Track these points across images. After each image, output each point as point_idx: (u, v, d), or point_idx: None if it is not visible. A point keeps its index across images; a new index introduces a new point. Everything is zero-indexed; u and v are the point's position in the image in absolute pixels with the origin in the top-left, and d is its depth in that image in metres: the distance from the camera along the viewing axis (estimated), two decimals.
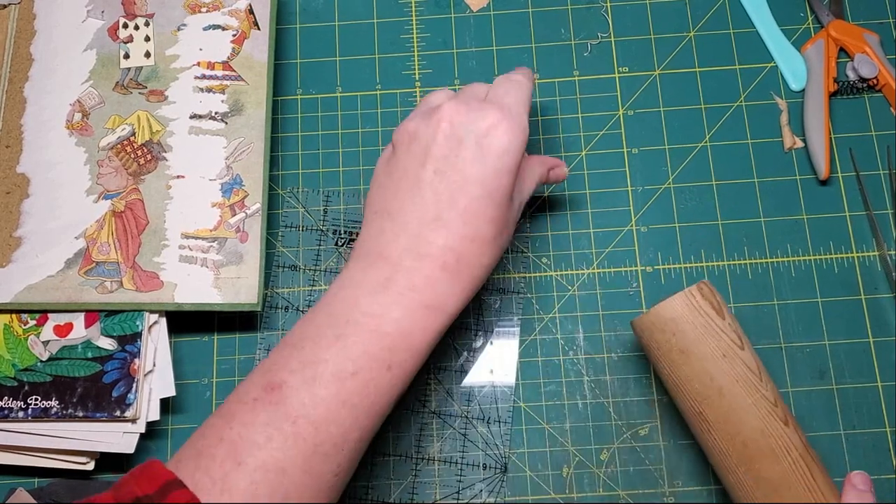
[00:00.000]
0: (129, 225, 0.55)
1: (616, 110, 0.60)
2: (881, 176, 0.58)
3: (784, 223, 0.57)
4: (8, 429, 0.51)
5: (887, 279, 0.56)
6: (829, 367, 0.54)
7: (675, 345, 0.47)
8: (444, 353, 0.55)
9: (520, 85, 0.47)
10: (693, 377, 0.46)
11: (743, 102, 0.60)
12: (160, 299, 0.53)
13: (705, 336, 0.46)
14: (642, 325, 0.48)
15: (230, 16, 0.58)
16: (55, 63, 0.58)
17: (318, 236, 0.58)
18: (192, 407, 0.54)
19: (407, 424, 0.54)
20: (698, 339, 0.46)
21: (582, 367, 0.55)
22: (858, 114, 0.60)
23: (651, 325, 0.47)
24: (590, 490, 0.53)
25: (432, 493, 0.53)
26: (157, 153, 0.56)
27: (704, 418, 0.46)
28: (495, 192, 0.43)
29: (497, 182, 0.43)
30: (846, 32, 0.60)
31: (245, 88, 0.57)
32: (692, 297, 0.47)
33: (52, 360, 0.52)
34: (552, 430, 0.54)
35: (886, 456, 0.53)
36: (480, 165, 0.43)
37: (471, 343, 0.55)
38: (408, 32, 0.62)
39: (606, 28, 0.62)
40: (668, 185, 0.58)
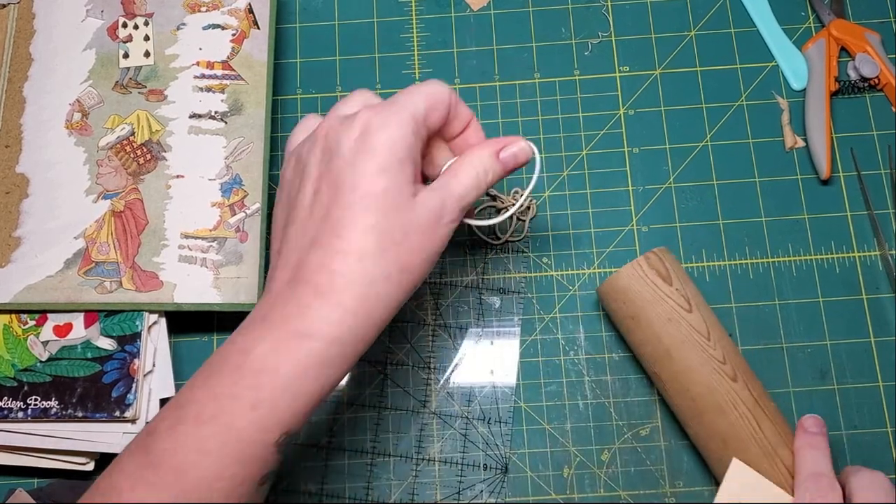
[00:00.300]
0: (129, 225, 0.54)
1: (617, 110, 0.60)
2: (882, 175, 0.58)
3: (785, 223, 0.57)
4: (7, 429, 0.51)
5: (888, 279, 0.56)
6: (830, 367, 0.54)
7: (627, 312, 0.51)
8: (444, 353, 0.55)
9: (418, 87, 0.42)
10: (645, 341, 0.50)
11: (744, 102, 0.60)
12: (160, 299, 0.53)
13: (652, 302, 0.50)
14: (600, 294, 0.52)
15: (230, 15, 0.58)
16: (54, 63, 0.58)
17: None
18: None
19: (407, 425, 0.54)
20: (645, 305, 0.50)
21: (582, 368, 0.55)
22: (860, 113, 0.59)
23: (606, 295, 0.52)
24: (591, 490, 0.53)
25: (433, 494, 0.53)
26: (156, 153, 0.56)
27: (659, 378, 0.51)
28: (372, 196, 0.38)
29: (374, 184, 0.38)
30: (847, 32, 0.60)
31: (245, 88, 0.57)
32: (639, 266, 0.50)
33: (52, 361, 0.52)
34: (553, 431, 0.54)
35: (888, 456, 0.53)
36: (351, 170, 0.38)
37: (471, 343, 0.55)
38: (408, 32, 0.62)
39: (607, 27, 0.62)
40: (668, 184, 0.58)
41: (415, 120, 0.40)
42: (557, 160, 0.59)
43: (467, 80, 0.61)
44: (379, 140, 0.39)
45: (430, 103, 0.41)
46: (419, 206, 0.39)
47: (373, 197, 0.38)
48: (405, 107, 0.40)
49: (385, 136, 0.39)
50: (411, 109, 0.40)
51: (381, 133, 0.39)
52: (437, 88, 0.42)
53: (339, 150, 0.39)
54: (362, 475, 0.53)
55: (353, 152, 0.39)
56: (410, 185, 0.39)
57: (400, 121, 0.39)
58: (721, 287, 0.56)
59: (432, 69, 0.61)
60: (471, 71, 0.61)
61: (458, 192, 0.41)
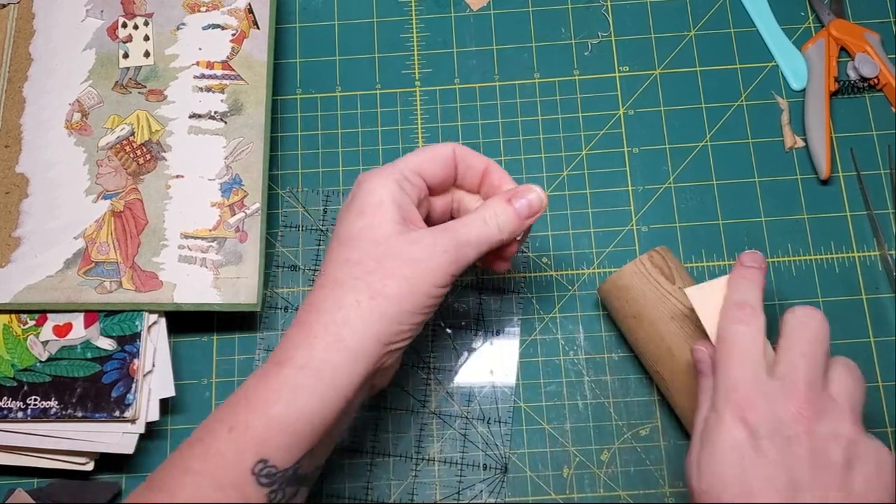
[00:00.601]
0: (129, 225, 0.54)
1: (616, 110, 0.60)
2: (882, 175, 0.58)
3: (785, 223, 0.57)
4: (7, 429, 0.51)
5: (888, 279, 0.56)
6: None
7: (629, 310, 0.51)
8: (444, 353, 0.55)
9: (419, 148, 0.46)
10: (647, 339, 0.50)
11: (744, 102, 0.60)
12: (159, 299, 0.53)
13: (654, 301, 0.50)
14: (602, 293, 0.52)
15: (229, 15, 0.58)
16: (54, 63, 0.58)
17: (317, 236, 0.58)
18: (191, 407, 0.54)
19: (407, 425, 0.54)
20: (648, 304, 0.50)
21: (582, 368, 0.55)
22: (859, 113, 0.59)
23: (608, 293, 0.52)
24: (590, 490, 0.53)
25: (432, 494, 0.53)
26: (156, 153, 0.56)
27: (661, 377, 0.50)
28: (347, 235, 0.42)
29: (351, 225, 0.42)
30: (847, 32, 0.60)
31: (244, 88, 0.57)
32: (642, 265, 0.50)
33: (52, 361, 0.52)
34: (552, 431, 0.54)
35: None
36: (339, 221, 0.43)
37: (471, 343, 0.55)
38: (408, 32, 0.62)
39: (607, 27, 0.62)
40: (668, 184, 0.58)
41: (400, 171, 0.43)
42: (557, 160, 0.59)
43: (467, 80, 0.61)
44: (361, 191, 0.43)
45: (422, 157, 0.44)
46: (404, 239, 0.41)
47: (348, 236, 0.42)
48: (394, 162, 0.44)
49: (366, 186, 0.42)
50: (398, 164, 0.44)
51: (364, 185, 0.43)
52: (436, 145, 0.45)
53: (341, 209, 0.44)
54: (362, 475, 0.53)
55: (345, 207, 0.43)
56: (392, 224, 0.41)
57: (382, 172, 0.43)
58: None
59: (432, 69, 0.61)
60: (471, 71, 0.61)
61: (454, 227, 0.43)
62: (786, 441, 0.39)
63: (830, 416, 0.40)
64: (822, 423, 0.39)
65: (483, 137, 0.59)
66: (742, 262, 0.46)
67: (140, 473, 0.53)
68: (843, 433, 0.39)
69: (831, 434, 0.39)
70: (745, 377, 0.41)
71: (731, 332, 0.43)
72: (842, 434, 0.39)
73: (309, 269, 0.57)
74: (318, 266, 0.57)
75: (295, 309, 0.56)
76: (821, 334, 0.42)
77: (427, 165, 0.44)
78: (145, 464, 0.53)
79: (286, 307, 0.56)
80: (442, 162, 0.45)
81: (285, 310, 0.56)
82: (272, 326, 0.56)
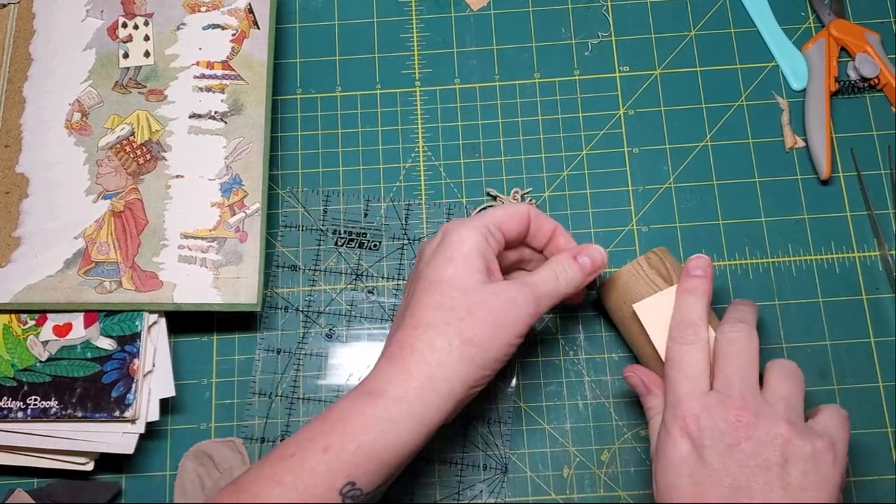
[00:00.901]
0: (129, 225, 0.54)
1: (617, 110, 0.60)
2: (882, 175, 0.58)
3: (785, 223, 0.57)
4: (7, 429, 0.51)
5: (888, 279, 0.56)
6: (830, 367, 0.54)
7: (626, 311, 0.51)
8: None
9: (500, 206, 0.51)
10: (646, 341, 0.50)
11: (744, 102, 0.60)
12: (159, 299, 0.53)
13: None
14: (600, 293, 0.53)
15: (229, 15, 0.58)
16: (54, 62, 0.58)
17: (317, 236, 0.58)
18: (191, 407, 0.54)
19: None
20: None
21: (582, 368, 0.55)
22: (859, 113, 0.59)
23: (606, 294, 0.52)
24: (590, 490, 0.53)
25: (432, 494, 0.53)
26: (156, 153, 0.56)
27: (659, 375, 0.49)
28: (439, 281, 0.44)
29: (442, 272, 0.45)
30: (847, 32, 0.60)
31: (244, 88, 0.57)
32: (639, 266, 0.51)
33: (52, 361, 0.52)
34: (553, 431, 0.54)
35: (887, 456, 0.53)
36: (427, 266, 0.46)
37: None
38: (408, 32, 0.62)
39: (607, 27, 0.62)
40: (668, 184, 0.58)
41: (485, 225, 0.46)
42: (557, 160, 0.59)
43: (467, 80, 0.61)
44: (450, 240, 0.46)
45: (504, 214, 0.48)
46: (490, 290, 0.45)
47: (439, 281, 0.45)
48: (480, 216, 0.47)
49: (455, 236, 0.46)
50: (484, 218, 0.47)
51: (452, 235, 0.46)
52: (515, 205, 0.49)
53: (424, 256, 0.47)
54: None
55: (431, 255, 0.46)
56: (479, 274, 0.45)
57: (470, 225, 0.46)
58: (721, 287, 0.56)
59: (432, 69, 0.61)
60: (471, 71, 0.61)
61: (532, 281, 0.46)
62: (727, 448, 0.43)
63: (766, 421, 0.43)
64: (759, 428, 0.43)
65: (483, 137, 0.59)
66: (689, 271, 0.49)
67: (140, 473, 0.53)
68: (778, 433, 0.43)
69: (768, 436, 0.43)
70: (688, 394, 0.45)
71: (676, 353, 0.46)
72: (778, 434, 0.43)
73: (309, 269, 0.57)
74: (318, 266, 0.57)
75: (296, 309, 0.56)
76: (747, 346, 0.46)
77: (508, 222, 0.48)
78: (145, 464, 0.53)
79: (286, 307, 0.56)
80: (520, 220, 0.48)
81: (285, 310, 0.56)
82: (272, 326, 0.56)
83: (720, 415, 0.43)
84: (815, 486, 0.42)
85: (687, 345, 0.46)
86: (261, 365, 0.55)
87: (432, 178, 0.59)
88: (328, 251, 0.57)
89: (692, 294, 0.48)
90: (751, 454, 0.42)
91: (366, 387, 0.43)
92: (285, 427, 0.54)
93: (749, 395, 0.44)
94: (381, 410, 0.42)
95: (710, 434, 0.43)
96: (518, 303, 0.45)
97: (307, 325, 0.56)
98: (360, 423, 0.42)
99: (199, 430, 0.54)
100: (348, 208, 0.58)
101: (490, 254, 0.46)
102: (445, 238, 0.46)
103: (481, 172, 0.59)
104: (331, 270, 0.57)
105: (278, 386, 0.55)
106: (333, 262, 0.57)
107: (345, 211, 0.58)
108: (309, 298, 0.56)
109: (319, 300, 0.56)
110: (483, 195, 0.58)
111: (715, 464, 0.43)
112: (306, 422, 0.53)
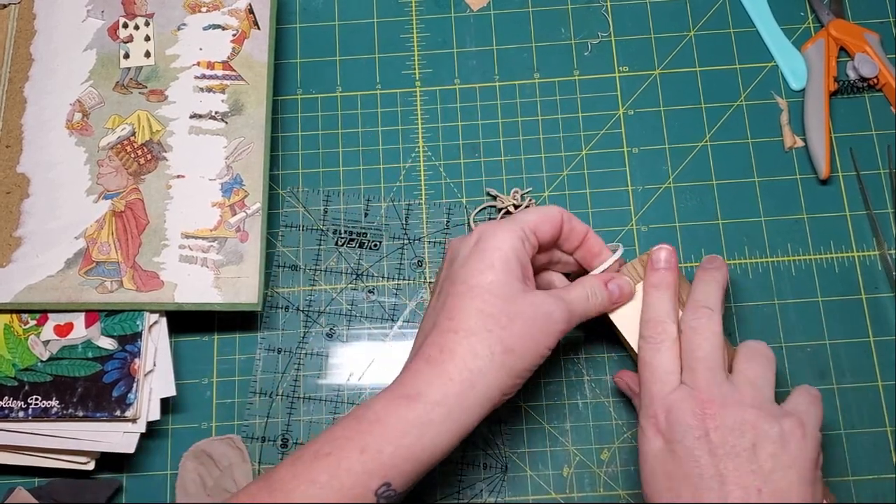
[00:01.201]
0: (130, 225, 0.55)
1: (616, 110, 0.60)
2: (881, 175, 0.58)
3: (784, 223, 0.57)
4: (8, 428, 0.51)
5: (888, 278, 0.56)
6: (829, 366, 0.54)
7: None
8: None
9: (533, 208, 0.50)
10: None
11: (743, 102, 0.60)
12: (160, 299, 0.53)
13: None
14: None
15: (230, 15, 0.58)
16: (55, 63, 0.58)
17: (318, 236, 0.58)
18: (192, 407, 0.54)
19: None
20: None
21: (582, 367, 0.55)
22: (859, 113, 0.60)
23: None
24: (590, 490, 0.53)
25: (433, 493, 0.53)
26: (157, 153, 0.56)
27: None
28: (479, 287, 0.44)
29: (482, 277, 0.44)
30: (846, 32, 0.60)
31: (245, 88, 0.57)
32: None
33: (53, 360, 0.52)
34: (552, 430, 0.54)
35: (887, 456, 0.53)
36: (464, 269, 0.45)
37: None
38: (408, 32, 0.62)
39: (606, 27, 0.62)
40: (668, 184, 0.58)
41: (522, 229, 0.46)
42: (557, 160, 0.59)
43: (467, 80, 0.61)
44: (488, 244, 0.45)
45: (539, 217, 0.47)
46: (529, 301, 0.45)
47: (479, 287, 0.44)
48: (515, 219, 0.47)
49: (493, 241, 0.45)
50: (520, 222, 0.47)
51: (490, 239, 0.45)
52: (548, 208, 0.49)
53: (458, 257, 0.46)
54: None
55: (467, 256, 0.46)
56: (517, 281, 0.45)
57: (508, 229, 0.46)
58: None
59: (432, 69, 0.61)
60: (471, 71, 0.61)
61: (567, 298, 0.47)
62: (695, 440, 0.43)
63: (732, 408, 0.44)
64: (725, 417, 0.44)
65: (483, 137, 0.60)
66: (652, 265, 0.50)
67: (141, 473, 0.53)
68: (745, 419, 0.43)
69: (735, 423, 0.43)
70: (658, 392, 0.46)
71: (646, 353, 0.47)
72: (745, 420, 0.43)
73: (309, 269, 0.57)
74: (318, 266, 0.57)
75: (296, 308, 0.56)
76: (710, 332, 0.46)
77: (542, 225, 0.47)
78: (146, 463, 0.53)
79: (287, 307, 0.56)
80: (553, 223, 0.48)
81: (286, 309, 0.56)
82: (273, 326, 0.56)
83: (688, 409, 0.44)
84: (785, 465, 0.42)
85: (655, 344, 0.47)
86: (261, 364, 0.55)
87: (432, 178, 0.59)
88: (329, 251, 0.58)
89: (657, 289, 0.49)
90: (719, 443, 0.43)
91: (403, 389, 0.43)
92: (286, 426, 0.54)
93: (714, 385, 0.45)
94: (421, 413, 0.42)
95: (679, 429, 0.44)
96: (554, 317, 0.45)
97: (308, 325, 0.56)
98: (399, 427, 0.42)
99: (200, 429, 0.54)
100: (349, 208, 0.58)
101: (526, 259, 0.46)
102: (483, 241, 0.46)
103: (481, 172, 0.59)
104: (331, 270, 0.57)
105: (279, 385, 0.55)
106: (334, 261, 0.57)
107: (345, 211, 0.58)
108: (309, 298, 0.57)
109: (320, 300, 0.57)
110: (483, 195, 0.58)
111: (685, 456, 0.43)
112: (307, 421, 0.54)
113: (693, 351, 0.46)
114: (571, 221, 0.49)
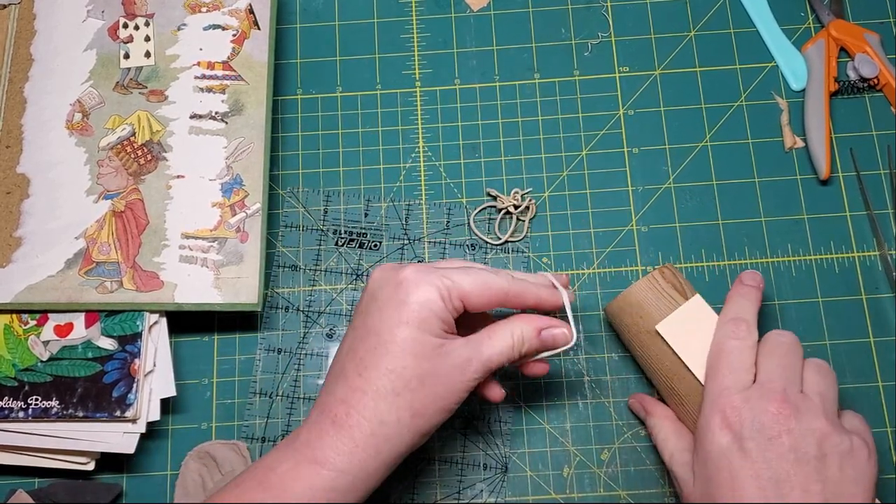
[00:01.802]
0: (130, 225, 0.55)
1: (616, 110, 0.60)
2: (882, 175, 0.58)
3: (784, 223, 0.57)
4: (8, 429, 0.51)
5: (888, 279, 0.56)
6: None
7: (643, 326, 0.50)
8: None
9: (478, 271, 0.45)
10: (662, 355, 0.49)
11: (743, 102, 0.60)
12: (160, 299, 0.53)
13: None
14: (612, 310, 0.52)
15: (230, 16, 0.58)
16: (55, 63, 0.58)
17: (318, 236, 0.58)
18: (192, 407, 0.54)
19: None
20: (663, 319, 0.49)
21: (582, 367, 0.55)
22: (859, 113, 0.60)
23: (619, 310, 0.51)
24: (590, 490, 0.53)
25: (433, 493, 0.53)
26: (157, 153, 0.56)
27: (676, 392, 0.49)
28: (393, 343, 0.42)
29: (394, 331, 0.42)
30: (847, 32, 0.60)
31: (245, 88, 0.57)
32: (655, 280, 0.50)
33: (53, 361, 0.52)
34: (553, 430, 0.54)
35: (887, 456, 0.53)
36: (380, 315, 0.43)
37: None
38: (408, 32, 0.62)
39: (607, 28, 0.62)
40: (668, 184, 0.58)
41: (448, 289, 0.43)
42: (557, 160, 0.59)
43: (467, 80, 0.61)
44: (408, 297, 0.43)
45: (475, 288, 0.44)
46: (443, 357, 0.43)
47: (392, 343, 0.42)
48: (445, 275, 0.44)
49: (414, 294, 0.43)
50: (449, 281, 0.43)
51: (411, 291, 0.43)
52: (495, 280, 0.45)
53: (379, 295, 0.44)
54: None
55: (385, 301, 0.43)
56: (434, 338, 0.43)
57: (431, 284, 0.43)
58: (721, 287, 0.56)
59: (432, 69, 0.61)
60: (471, 71, 0.61)
61: (487, 353, 0.44)
62: (767, 441, 0.43)
63: (805, 415, 0.43)
64: (798, 422, 0.43)
65: (483, 137, 0.60)
66: (742, 281, 0.50)
67: (141, 473, 0.53)
68: (816, 428, 0.43)
69: (807, 430, 0.43)
70: (731, 386, 0.45)
71: (727, 346, 0.46)
72: (816, 429, 0.43)
73: (309, 269, 0.57)
74: (318, 266, 0.57)
75: (296, 309, 0.56)
76: (793, 346, 0.46)
77: (474, 296, 0.44)
78: (146, 463, 0.53)
79: (287, 307, 0.56)
80: (490, 298, 0.45)
81: (286, 309, 0.56)
82: (273, 326, 0.56)
83: (761, 408, 0.43)
84: (853, 480, 0.42)
85: (738, 339, 0.46)
86: (261, 365, 0.55)
87: (432, 178, 0.59)
88: (329, 251, 0.58)
89: (745, 298, 0.49)
90: (790, 447, 0.42)
91: (310, 451, 0.42)
92: (286, 427, 0.54)
93: (791, 390, 0.44)
94: (327, 481, 0.41)
95: (751, 426, 0.43)
96: (469, 369, 0.43)
97: (308, 325, 0.56)
98: (305, 494, 0.41)
99: (200, 429, 0.54)
100: (349, 208, 0.58)
101: (448, 317, 0.44)
102: (403, 290, 0.43)
103: (481, 172, 0.59)
104: (331, 270, 0.57)
105: (279, 386, 0.55)
106: (334, 261, 0.57)
107: (345, 211, 0.58)
108: (309, 298, 0.57)
109: (320, 300, 0.57)
110: (483, 195, 0.58)
111: (755, 456, 0.42)
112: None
113: (775, 356, 0.46)
114: (522, 295, 0.46)
